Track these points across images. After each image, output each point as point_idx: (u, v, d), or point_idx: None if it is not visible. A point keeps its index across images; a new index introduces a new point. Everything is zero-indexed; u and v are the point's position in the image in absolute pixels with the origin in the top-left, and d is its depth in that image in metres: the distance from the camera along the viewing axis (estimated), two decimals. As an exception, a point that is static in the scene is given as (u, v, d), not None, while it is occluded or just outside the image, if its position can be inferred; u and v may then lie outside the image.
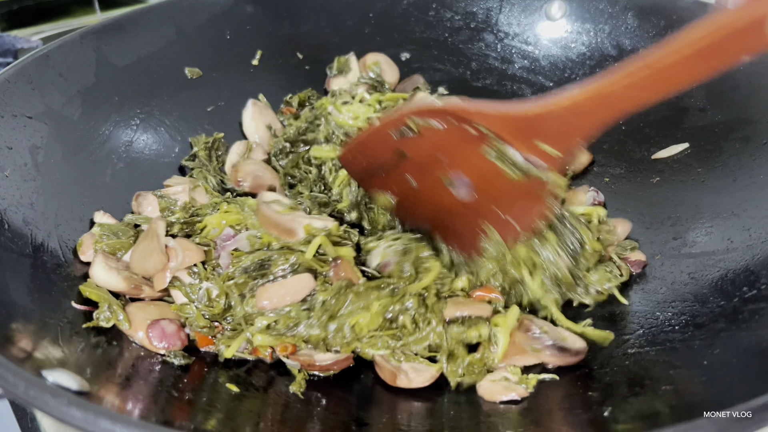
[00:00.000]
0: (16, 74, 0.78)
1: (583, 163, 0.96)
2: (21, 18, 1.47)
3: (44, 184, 0.74)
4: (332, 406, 0.60)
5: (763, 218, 0.72)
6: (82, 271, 0.70)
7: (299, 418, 0.58)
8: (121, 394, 0.52)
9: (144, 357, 0.62)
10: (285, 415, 0.58)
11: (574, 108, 0.58)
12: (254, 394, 0.61)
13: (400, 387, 0.64)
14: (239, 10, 1.04)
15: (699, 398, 0.55)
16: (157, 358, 0.63)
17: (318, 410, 0.60)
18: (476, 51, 1.10)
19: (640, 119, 0.96)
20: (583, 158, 0.96)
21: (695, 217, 0.80)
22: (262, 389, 0.62)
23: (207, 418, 0.55)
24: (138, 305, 0.67)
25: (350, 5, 1.11)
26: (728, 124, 0.85)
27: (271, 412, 0.59)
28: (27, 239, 0.67)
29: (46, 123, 0.78)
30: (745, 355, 0.58)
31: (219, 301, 0.67)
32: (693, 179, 0.85)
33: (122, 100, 0.90)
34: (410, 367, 0.64)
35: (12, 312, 0.57)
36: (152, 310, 0.66)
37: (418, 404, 0.62)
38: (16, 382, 0.44)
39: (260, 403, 0.60)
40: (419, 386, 0.64)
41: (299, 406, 0.60)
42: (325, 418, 0.59)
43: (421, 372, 0.64)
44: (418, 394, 0.64)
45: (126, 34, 0.93)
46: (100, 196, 0.80)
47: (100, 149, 0.84)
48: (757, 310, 0.63)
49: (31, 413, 0.68)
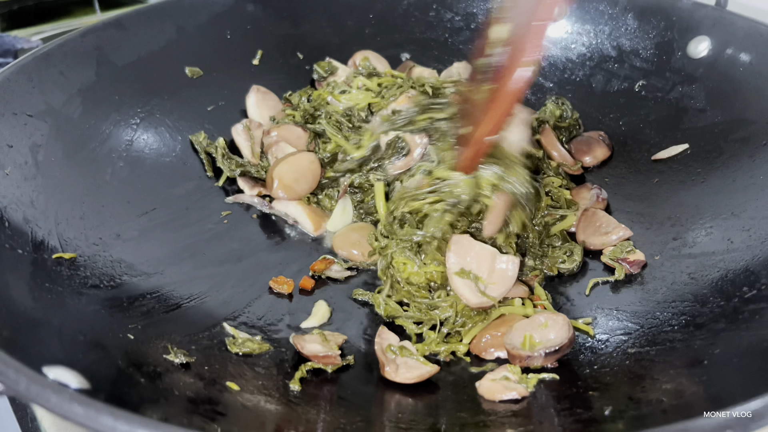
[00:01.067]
0: (16, 72, 0.78)
1: (598, 157, 0.95)
2: (21, 18, 1.47)
3: (44, 183, 0.74)
4: (330, 403, 0.60)
5: (762, 219, 0.73)
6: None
7: (297, 416, 0.58)
8: (123, 391, 0.53)
9: (145, 355, 0.62)
10: (284, 412, 0.58)
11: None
12: (254, 392, 0.61)
13: (387, 379, 0.64)
14: (240, 9, 1.05)
15: (699, 398, 0.55)
16: (160, 356, 0.63)
17: (316, 407, 0.60)
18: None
19: (639, 120, 0.96)
20: (599, 153, 0.95)
21: (695, 217, 0.80)
22: (261, 386, 0.62)
23: (208, 416, 0.55)
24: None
25: (351, 5, 1.11)
26: (728, 125, 0.85)
27: (271, 410, 0.59)
28: (27, 237, 0.67)
29: (46, 121, 0.78)
30: (746, 355, 0.59)
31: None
32: (693, 180, 0.85)
33: (122, 99, 0.90)
34: (404, 362, 0.64)
35: (12, 309, 0.57)
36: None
37: (419, 402, 0.62)
38: (17, 379, 0.44)
39: (258, 401, 0.60)
40: (404, 381, 0.64)
41: (298, 403, 0.60)
42: (324, 415, 0.59)
43: (411, 369, 0.64)
44: (418, 392, 0.64)
45: (126, 33, 0.93)
46: (100, 195, 0.80)
47: (101, 148, 0.84)
48: (757, 310, 0.63)
49: (31, 413, 0.68)
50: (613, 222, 0.82)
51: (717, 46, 0.90)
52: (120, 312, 0.67)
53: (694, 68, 0.92)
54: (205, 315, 0.72)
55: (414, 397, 0.63)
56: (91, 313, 0.65)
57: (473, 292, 0.69)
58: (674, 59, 0.94)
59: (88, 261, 0.71)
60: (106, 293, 0.69)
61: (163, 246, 0.80)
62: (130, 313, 0.68)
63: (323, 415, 0.59)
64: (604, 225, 0.82)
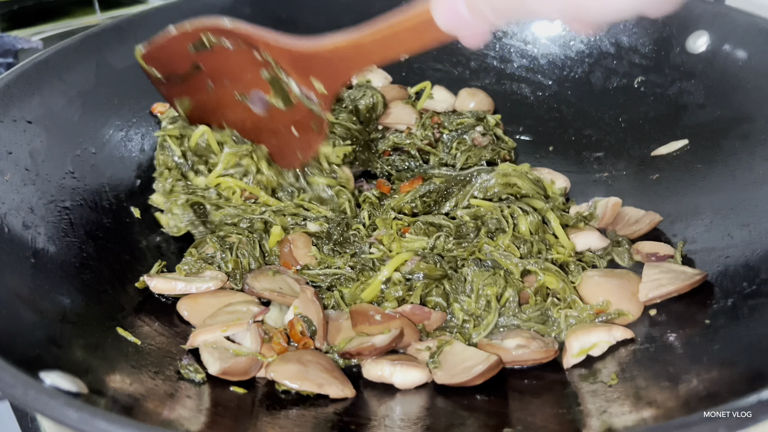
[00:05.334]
0: (15, 79, 0.78)
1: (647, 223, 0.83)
2: (21, 18, 1.47)
3: (44, 188, 0.74)
4: (330, 406, 0.61)
5: (762, 215, 0.72)
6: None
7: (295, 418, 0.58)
8: (120, 395, 0.53)
9: (146, 358, 0.63)
10: (281, 415, 0.58)
11: (337, 51, 0.69)
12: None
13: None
14: (238, 11, 1.04)
15: (699, 397, 0.55)
16: (162, 360, 0.63)
17: (316, 409, 0.60)
18: (475, 50, 1.10)
19: (639, 116, 0.96)
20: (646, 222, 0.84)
21: (695, 213, 0.80)
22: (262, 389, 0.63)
23: (207, 418, 0.55)
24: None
25: (349, 6, 1.11)
26: (727, 121, 0.85)
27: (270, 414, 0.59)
28: (27, 242, 0.67)
29: (46, 126, 0.78)
30: (745, 352, 0.58)
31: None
32: (692, 176, 0.84)
33: (122, 102, 0.90)
34: (400, 368, 0.63)
35: (11, 314, 0.57)
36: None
37: (419, 405, 0.63)
38: (14, 383, 0.44)
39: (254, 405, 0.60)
40: (398, 386, 0.63)
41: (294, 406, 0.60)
42: (324, 417, 0.59)
43: (408, 374, 0.63)
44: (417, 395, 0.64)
45: (125, 36, 0.93)
46: (100, 199, 0.80)
47: (101, 152, 0.85)
48: (757, 306, 0.63)
49: (31, 414, 0.68)
50: (640, 211, 0.83)
51: (716, 41, 0.89)
52: (122, 317, 0.68)
53: (693, 64, 0.91)
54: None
55: (414, 397, 0.63)
56: (93, 318, 0.65)
57: None
58: (673, 55, 0.94)
59: (88, 265, 0.71)
60: (107, 298, 0.70)
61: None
62: (132, 318, 0.69)
63: (321, 415, 0.59)
64: (633, 216, 0.83)
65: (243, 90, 0.79)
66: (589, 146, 0.98)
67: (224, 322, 0.66)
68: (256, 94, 0.78)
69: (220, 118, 0.83)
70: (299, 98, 0.76)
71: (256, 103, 0.78)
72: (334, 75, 0.72)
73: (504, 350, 0.65)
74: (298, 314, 0.67)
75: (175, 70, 0.82)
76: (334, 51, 0.70)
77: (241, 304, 0.70)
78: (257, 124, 0.81)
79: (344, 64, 0.70)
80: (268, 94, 0.77)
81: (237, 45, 0.76)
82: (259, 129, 0.81)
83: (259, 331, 0.67)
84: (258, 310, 0.69)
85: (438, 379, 0.64)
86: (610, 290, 0.71)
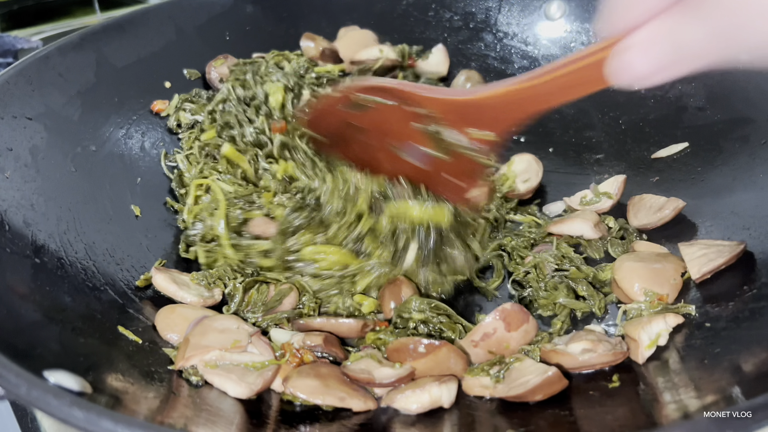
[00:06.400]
0: (15, 75, 0.78)
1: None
2: (21, 18, 1.48)
3: (45, 185, 0.74)
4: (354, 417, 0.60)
5: (762, 217, 0.72)
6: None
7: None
8: (123, 394, 0.53)
9: (146, 357, 0.62)
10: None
11: (506, 97, 0.66)
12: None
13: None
14: (239, 10, 1.05)
15: (699, 398, 0.55)
16: (162, 361, 0.63)
17: (315, 415, 0.60)
18: (475, 51, 1.10)
19: (639, 119, 0.96)
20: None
21: (695, 216, 0.80)
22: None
23: (209, 419, 0.55)
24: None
25: (350, 5, 1.11)
26: (727, 124, 0.85)
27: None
28: (28, 240, 0.67)
29: (46, 124, 0.78)
30: (746, 354, 0.58)
31: None
32: (693, 178, 0.85)
33: (122, 100, 0.90)
34: (411, 393, 0.59)
35: (13, 312, 0.57)
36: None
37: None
38: (18, 383, 0.44)
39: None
40: (407, 410, 0.59)
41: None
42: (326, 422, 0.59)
43: (416, 397, 0.59)
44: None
45: (126, 34, 0.93)
46: (101, 197, 0.80)
47: (101, 150, 0.84)
48: (758, 309, 0.63)
49: (31, 413, 0.68)
50: (662, 198, 0.83)
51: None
52: (123, 315, 0.68)
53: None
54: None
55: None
56: (94, 316, 0.65)
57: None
58: (674, 57, 0.94)
59: (89, 263, 0.71)
60: (108, 296, 0.69)
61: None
62: (133, 316, 0.68)
63: (321, 421, 0.59)
64: (655, 203, 0.83)
65: (396, 142, 0.76)
66: (589, 148, 0.99)
67: (222, 341, 0.62)
68: (410, 146, 0.75)
69: (376, 170, 0.80)
70: (457, 146, 0.72)
71: (411, 154, 0.76)
72: (500, 120, 0.69)
73: (569, 356, 0.61)
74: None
75: (330, 131, 0.81)
76: (502, 97, 0.66)
77: (229, 321, 0.66)
78: (416, 174, 0.78)
79: (511, 110, 0.67)
80: (424, 144, 0.74)
81: (392, 100, 0.74)
82: (418, 178, 0.78)
83: (264, 339, 0.65)
84: (252, 330, 0.66)
85: (497, 393, 0.60)
86: (644, 275, 0.70)
